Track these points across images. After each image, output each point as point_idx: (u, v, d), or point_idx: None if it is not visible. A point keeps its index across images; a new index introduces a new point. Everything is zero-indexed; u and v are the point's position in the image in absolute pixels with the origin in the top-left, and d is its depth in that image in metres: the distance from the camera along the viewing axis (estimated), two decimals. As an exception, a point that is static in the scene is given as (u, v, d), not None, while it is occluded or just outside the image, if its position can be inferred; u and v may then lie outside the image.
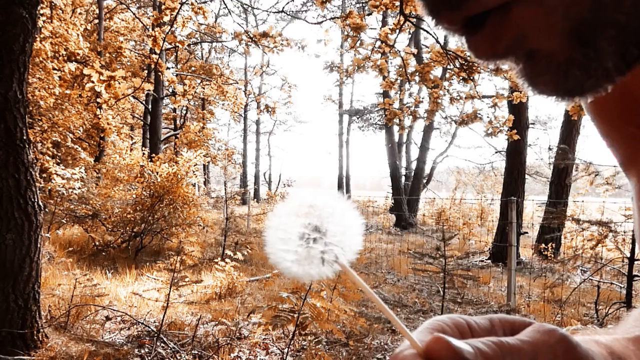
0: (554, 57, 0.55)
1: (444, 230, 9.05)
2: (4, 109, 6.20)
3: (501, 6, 0.54)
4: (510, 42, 0.56)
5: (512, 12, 0.54)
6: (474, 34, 0.58)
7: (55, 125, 22.79)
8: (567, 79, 0.56)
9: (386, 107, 19.92)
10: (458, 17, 0.56)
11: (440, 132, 40.36)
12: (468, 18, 0.56)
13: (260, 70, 55.73)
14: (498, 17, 0.55)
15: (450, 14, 0.56)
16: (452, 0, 0.54)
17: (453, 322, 0.65)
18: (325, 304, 6.70)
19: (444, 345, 0.56)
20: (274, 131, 73.24)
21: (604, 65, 0.53)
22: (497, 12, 0.55)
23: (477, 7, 0.54)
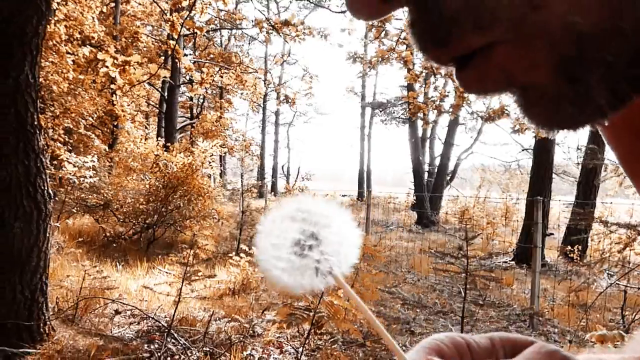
0: (546, 92, 0.55)
1: (466, 230, 9.02)
2: (15, 92, 6.20)
3: (485, 46, 0.55)
4: (497, 80, 0.57)
5: (495, 51, 0.55)
6: (462, 70, 0.59)
7: (67, 111, 22.85)
8: (558, 113, 0.56)
9: (410, 101, 19.89)
10: (445, 56, 0.58)
11: (466, 127, 40.30)
12: (455, 56, 0.58)
13: (281, 59, 55.83)
14: (482, 57, 0.56)
15: (437, 52, 0.57)
16: (438, 40, 0.56)
17: (452, 342, 0.65)
18: (342, 303, 6.68)
19: None
20: (294, 122, 73.40)
21: (595, 101, 0.54)
22: (481, 52, 0.56)
23: (462, 47, 0.55)
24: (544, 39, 0.52)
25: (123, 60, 12.17)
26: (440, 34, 0.55)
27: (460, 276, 8.86)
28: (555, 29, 0.51)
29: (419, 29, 0.58)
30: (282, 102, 51.15)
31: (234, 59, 35.40)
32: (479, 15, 0.53)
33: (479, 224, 28.21)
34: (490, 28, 0.53)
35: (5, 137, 6.13)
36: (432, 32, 0.56)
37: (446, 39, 0.55)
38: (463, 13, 0.53)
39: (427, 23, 0.56)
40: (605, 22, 0.50)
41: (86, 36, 18.45)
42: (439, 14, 0.54)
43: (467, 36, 0.54)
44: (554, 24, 0.51)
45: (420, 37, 0.58)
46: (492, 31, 0.53)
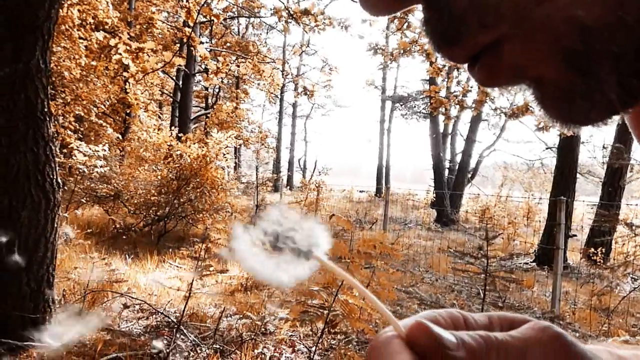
0: (558, 85, 0.58)
1: (487, 229, 9.00)
2: (25, 77, 6.21)
3: (493, 43, 0.58)
4: (508, 74, 0.60)
5: (503, 47, 0.57)
6: (474, 66, 0.62)
7: (79, 98, 22.90)
8: (571, 107, 0.59)
9: (432, 95, 19.86)
10: (458, 54, 0.61)
11: (489, 124, 40.14)
12: (467, 54, 0.61)
13: (300, 49, 55.92)
14: (491, 53, 0.59)
15: (450, 50, 0.61)
16: (449, 38, 0.59)
17: (449, 316, 0.67)
18: (357, 301, 6.67)
19: (424, 330, 0.57)
20: (312, 115, 73.42)
21: (606, 95, 0.56)
22: (490, 48, 0.59)
23: (471, 45, 0.59)
24: (548, 33, 0.54)
25: (136, 47, 12.19)
26: (450, 32, 0.58)
27: (480, 277, 8.85)
28: (559, 23, 0.53)
29: (431, 27, 0.61)
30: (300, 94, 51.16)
31: (251, 48, 35.46)
32: (483, 13, 0.56)
33: (500, 223, 28.16)
34: (495, 25, 0.56)
35: (15, 124, 6.13)
36: (443, 31, 0.59)
37: (456, 37, 0.58)
38: (469, 11, 0.56)
39: (438, 22, 0.59)
40: (608, 15, 0.52)
41: (100, 21, 18.46)
42: (448, 13, 0.57)
43: (475, 34, 0.57)
44: (557, 17, 0.53)
45: (433, 36, 0.61)
46: (498, 28, 0.56)
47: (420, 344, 0.57)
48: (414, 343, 0.57)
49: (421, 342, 0.57)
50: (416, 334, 0.57)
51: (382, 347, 0.60)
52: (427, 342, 0.56)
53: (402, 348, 0.58)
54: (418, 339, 0.57)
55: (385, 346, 0.59)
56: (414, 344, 0.57)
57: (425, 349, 0.56)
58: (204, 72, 29.43)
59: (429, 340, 0.56)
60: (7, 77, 6.08)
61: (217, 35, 41.80)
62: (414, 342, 0.57)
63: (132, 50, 12.12)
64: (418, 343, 0.57)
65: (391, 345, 0.59)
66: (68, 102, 22.42)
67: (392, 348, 0.59)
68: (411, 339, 0.58)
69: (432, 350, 0.56)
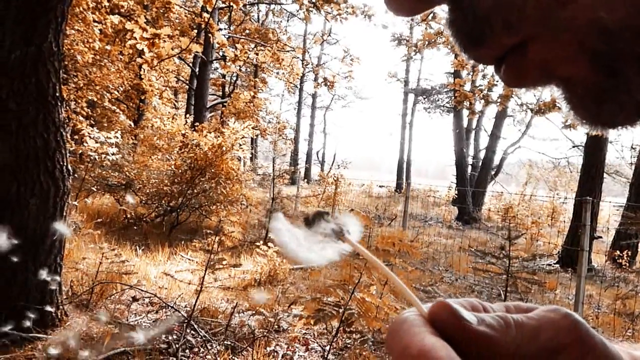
0: (587, 85, 0.57)
1: (510, 228, 9.00)
2: (37, 61, 6.21)
3: (519, 44, 0.58)
4: (535, 75, 0.60)
5: (529, 48, 0.57)
6: (501, 67, 0.62)
7: (91, 83, 22.94)
8: (599, 107, 0.58)
9: (456, 89, 19.87)
10: (483, 54, 0.61)
11: (514, 120, 40.12)
12: (493, 55, 0.61)
13: (321, 38, 55.92)
14: (517, 54, 0.59)
15: (475, 51, 0.61)
16: (474, 40, 0.59)
17: (468, 303, 0.69)
18: (374, 300, 6.65)
19: (446, 308, 0.60)
20: (331, 106, 73.35)
21: (635, 98, 0.55)
22: (515, 49, 0.58)
23: (497, 46, 0.59)
24: (573, 34, 0.54)
25: (152, 32, 12.18)
26: (475, 33, 0.59)
27: (501, 277, 8.85)
28: (582, 24, 0.52)
29: (456, 28, 0.61)
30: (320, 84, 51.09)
31: (271, 35, 35.40)
32: (508, 15, 0.55)
33: (524, 223, 28.10)
34: (519, 26, 0.55)
35: (25, 108, 6.14)
36: (468, 32, 0.59)
37: (481, 38, 0.58)
38: (493, 13, 0.56)
39: (463, 23, 0.59)
40: (632, 17, 0.51)
41: (115, 4, 18.47)
42: (473, 14, 0.58)
43: (500, 35, 0.57)
44: (580, 19, 0.52)
45: (458, 37, 0.61)
46: (522, 29, 0.56)
47: (443, 319, 0.60)
48: (436, 320, 0.60)
49: (443, 318, 0.60)
50: (438, 312, 0.60)
51: (403, 323, 0.62)
52: (450, 319, 0.59)
53: (423, 323, 0.61)
54: (440, 315, 0.60)
55: (407, 321, 0.62)
56: (436, 321, 0.60)
57: (447, 325, 0.59)
58: (222, 60, 29.43)
59: (451, 317, 0.59)
60: (18, 59, 6.08)
61: (236, 22, 41.75)
62: (436, 319, 0.60)
63: (149, 37, 12.12)
64: (440, 319, 0.60)
65: (412, 321, 0.62)
66: (80, 87, 22.46)
67: (413, 323, 0.61)
68: (433, 317, 0.61)
69: (453, 326, 0.59)
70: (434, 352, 0.55)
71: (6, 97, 6.05)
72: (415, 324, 0.61)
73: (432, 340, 0.57)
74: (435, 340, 0.57)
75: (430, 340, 0.57)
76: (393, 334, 0.62)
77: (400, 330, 0.61)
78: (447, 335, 0.58)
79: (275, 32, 36.76)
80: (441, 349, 0.55)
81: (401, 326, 0.61)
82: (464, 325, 0.59)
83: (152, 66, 14.10)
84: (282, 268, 11.45)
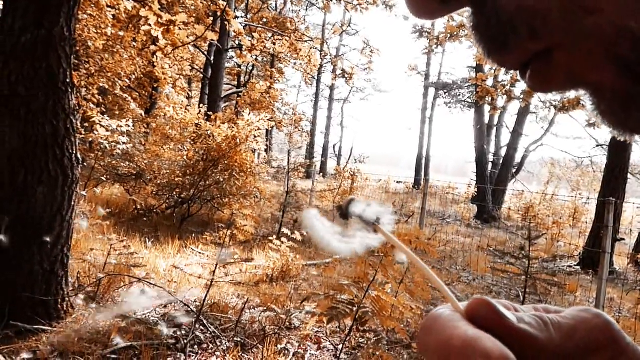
0: (615, 91, 0.57)
1: (530, 228, 8.99)
2: (48, 46, 6.20)
3: (544, 51, 0.58)
4: (561, 80, 0.60)
5: (554, 55, 0.57)
6: (526, 73, 0.62)
7: (103, 70, 22.96)
8: (628, 116, 0.58)
9: (478, 83, 19.81)
10: (507, 60, 0.61)
11: (537, 117, 40.01)
12: (518, 60, 0.61)
13: (340, 29, 55.90)
14: (542, 61, 0.59)
15: (499, 56, 0.61)
16: (499, 46, 0.60)
17: (500, 303, 0.66)
18: (389, 299, 6.64)
19: (486, 304, 0.60)
20: (349, 99, 73.46)
21: None
22: (541, 56, 0.59)
23: (521, 52, 0.59)
24: (600, 42, 0.53)
25: (168, 19, 12.18)
26: (499, 39, 0.59)
27: (520, 278, 8.84)
28: (609, 32, 0.52)
29: (480, 33, 0.61)
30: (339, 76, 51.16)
31: (289, 25, 35.40)
32: (532, 21, 0.55)
33: (544, 223, 28.12)
34: (544, 33, 0.55)
35: (34, 94, 6.14)
36: (492, 38, 0.60)
37: (505, 44, 0.59)
38: (517, 18, 0.56)
39: (486, 28, 0.60)
40: None
41: (129, -11, 18.51)
42: (497, 18, 0.58)
43: (524, 41, 0.57)
44: (607, 28, 0.52)
45: (482, 42, 0.62)
46: (547, 36, 0.56)
47: (482, 316, 0.59)
48: (475, 317, 0.60)
49: (483, 315, 0.59)
50: (477, 308, 0.60)
51: (439, 318, 0.61)
52: (490, 315, 0.59)
53: (460, 318, 0.60)
54: (479, 312, 0.60)
55: (443, 316, 0.61)
56: (474, 317, 0.60)
57: (487, 322, 0.59)
58: (238, 49, 29.40)
59: (491, 313, 0.59)
60: (28, 43, 6.09)
61: (253, 10, 41.77)
62: (475, 315, 0.60)
63: (164, 23, 12.11)
64: (480, 316, 0.59)
65: (450, 315, 0.61)
66: (92, 74, 22.48)
67: (451, 317, 0.61)
68: (471, 313, 0.60)
69: (493, 323, 0.58)
70: (481, 343, 0.54)
71: (15, 82, 6.05)
72: (453, 319, 0.60)
73: (476, 331, 0.57)
74: (480, 332, 0.57)
75: (474, 331, 0.57)
76: (429, 329, 0.61)
77: (437, 324, 0.61)
78: (484, 330, 0.57)
79: (293, 21, 36.78)
80: (487, 340, 0.55)
81: (438, 321, 0.61)
82: (505, 322, 0.58)
83: (167, 54, 14.11)
84: (295, 264, 11.43)
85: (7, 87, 6.07)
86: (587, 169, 42.71)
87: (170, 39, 12.52)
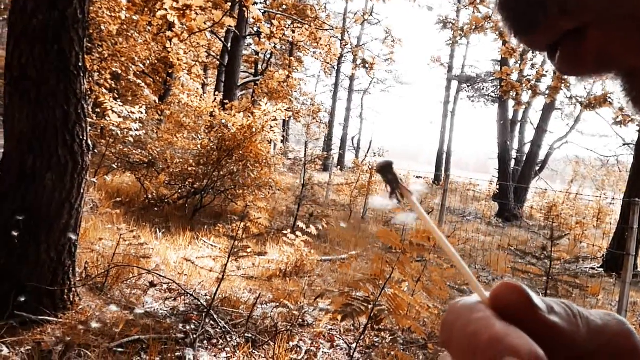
0: None
1: (552, 228, 8.96)
2: (60, 27, 6.18)
3: (576, 30, 0.56)
4: (593, 63, 0.57)
5: (586, 35, 0.55)
6: (556, 54, 0.60)
7: (117, 54, 22.97)
8: None
9: (503, 77, 19.75)
10: (535, 40, 0.59)
11: (562, 113, 39.91)
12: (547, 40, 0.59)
13: (362, 18, 55.80)
14: (574, 40, 0.57)
15: (529, 37, 0.59)
16: (528, 24, 0.58)
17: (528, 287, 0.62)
18: (405, 297, 6.61)
19: (514, 288, 0.57)
20: (370, 90, 73.23)
21: None
22: (572, 35, 0.56)
23: (552, 31, 0.57)
24: (637, 22, 0.51)
25: (184, 4, 12.17)
26: (528, 17, 0.57)
27: (541, 280, 8.80)
28: None
29: (507, 11, 0.59)
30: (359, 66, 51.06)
31: (309, 12, 35.35)
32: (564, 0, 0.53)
33: (567, 223, 28.01)
34: (577, 12, 0.53)
35: (45, 77, 6.12)
36: (520, 16, 0.58)
37: (534, 23, 0.56)
38: None
39: (515, 6, 0.58)
40: None
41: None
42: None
43: (556, 20, 0.55)
44: None
45: (509, 21, 0.59)
46: (580, 15, 0.53)
47: (510, 302, 0.56)
48: (502, 303, 0.56)
49: (511, 298, 0.56)
50: (504, 293, 0.57)
51: (462, 308, 0.58)
52: (518, 300, 0.55)
53: (486, 309, 0.56)
54: (506, 298, 0.56)
55: (466, 306, 0.58)
56: (500, 304, 0.56)
57: (516, 310, 0.55)
58: (256, 36, 29.41)
59: (520, 298, 0.55)
60: (40, 25, 6.07)
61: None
62: (502, 302, 0.56)
63: (180, 7, 12.10)
64: (507, 302, 0.56)
65: (474, 306, 0.57)
66: (105, 58, 22.50)
67: (475, 308, 0.57)
68: (497, 299, 0.57)
69: (523, 312, 0.55)
70: (509, 340, 0.51)
71: (26, 64, 6.04)
72: (478, 309, 0.56)
73: (504, 325, 0.53)
74: (508, 326, 0.53)
75: (502, 325, 0.53)
76: (452, 323, 0.58)
77: (461, 317, 0.57)
78: (511, 321, 0.54)
79: (313, 8, 36.69)
80: (516, 336, 0.51)
81: (462, 313, 0.57)
82: (535, 312, 0.55)
83: (183, 39, 14.10)
84: (309, 259, 11.41)
85: (17, 69, 6.06)
86: (613, 168, 42.67)
87: (186, 24, 12.51)
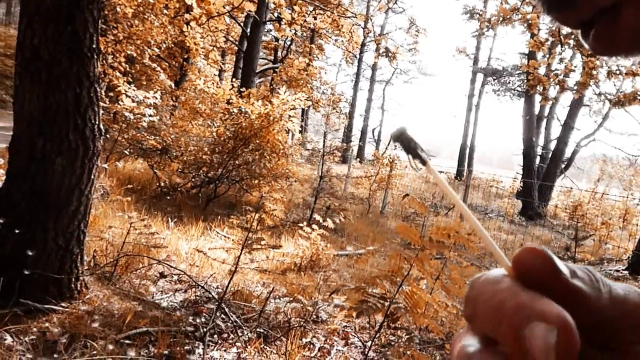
0: None
1: (577, 228, 8.96)
2: (75, 7, 6.16)
3: (612, 6, 0.56)
4: (628, 42, 0.58)
5: (623, 11, 0.55)
6: (590, 32, 0.60)
7: (132, 37, 22.96)
8: None
9: (530, 71, 19.70)
10: (569, 17, 0.60)
11: (590, 110, 39.81)
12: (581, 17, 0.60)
13: (386, 6, 55.62)
14: (610, 17, 0.57)
15: (564, 14, 0.60)
16: (562, 2, 0.58)
17: None
18: (423, 295, 6.59)
19: (537, 253, 0.55)
20: (392, 81, 73.11)
21: None
22: (608, 12, 0.56)
23: (589, 8, 0.57)
24: None
25: (203, -14, 12.16)
26: None
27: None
28: None
29: None
30: (381, 56, 51.05)
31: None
32: None
33: (592, 223, 27.91)
34: None
35: (58, 58, 6.11)
36: None
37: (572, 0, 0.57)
38: None
39: None
40: None
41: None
42: None
43: None
44: None
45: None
46: None
47: (533, 264, 0.55)
48: (523, 266, 0.56)
49: (534, 262, 0.55)
50: (527, 257, 0.56)
51: (487, 282, 0.57)
52: (542, 264, 0.55)
53: (508, 279, 0.56)
54: (529, 261, 0.55)
55: (489, 277, 0.58)
56: (522, 268, 0.56)
57: (538, 272, 0.55)
58: (276, 22, 29.39)
59: (543, 262, 0.55)
60: (54, 4, 6.06)
61: (294, -19, 41.72)
62: (524, 265, 0.56)
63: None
64: (530, 265, 0.55)
65: (497, 276, 0.57)
66: (120, 40, 22.50)
67: (498, 278, 0.57)
68: (520, 265, 0.56)
69: (546, 272, 0.55)
70: (536, 305, 0.51)
71: (38, 44, 6.02)
72: (501, 281, 0.56)
73: (529, 293, 0.53)
74: (533, 293, 0.53)
75: (527, 293, 0.53)
76: (474, 296, 0.58)
77: (483, 290, 0.57)
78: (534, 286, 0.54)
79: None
80: (543, 301, 0.51)
81: (484, 286, 0.57)
82: (560, 276, 0.55)
83: (200, 23, 14.09)
84: (325, 253, 11.40)
85: (29, 50, 6.05)
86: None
87: (205, 7, 12.50)
